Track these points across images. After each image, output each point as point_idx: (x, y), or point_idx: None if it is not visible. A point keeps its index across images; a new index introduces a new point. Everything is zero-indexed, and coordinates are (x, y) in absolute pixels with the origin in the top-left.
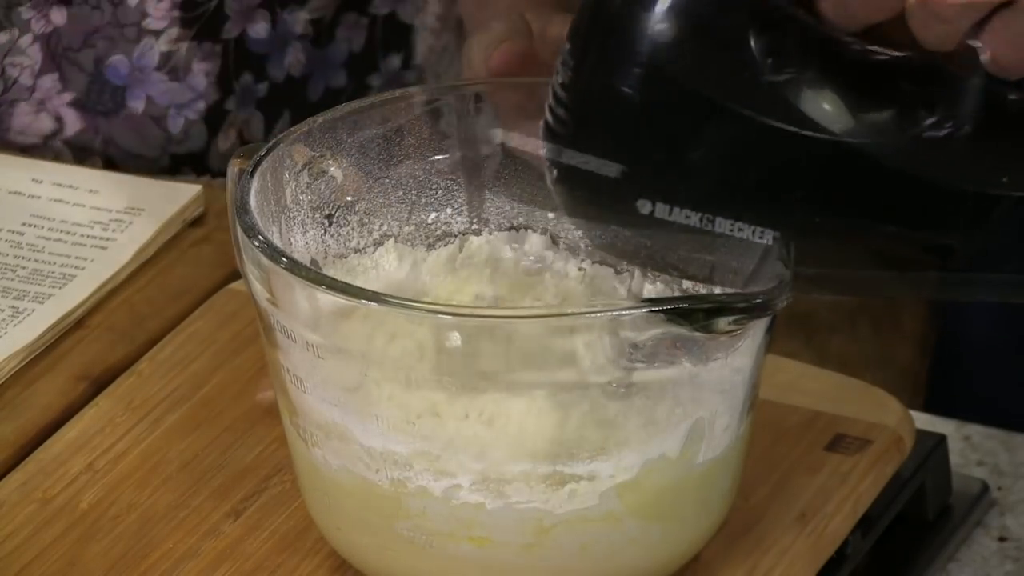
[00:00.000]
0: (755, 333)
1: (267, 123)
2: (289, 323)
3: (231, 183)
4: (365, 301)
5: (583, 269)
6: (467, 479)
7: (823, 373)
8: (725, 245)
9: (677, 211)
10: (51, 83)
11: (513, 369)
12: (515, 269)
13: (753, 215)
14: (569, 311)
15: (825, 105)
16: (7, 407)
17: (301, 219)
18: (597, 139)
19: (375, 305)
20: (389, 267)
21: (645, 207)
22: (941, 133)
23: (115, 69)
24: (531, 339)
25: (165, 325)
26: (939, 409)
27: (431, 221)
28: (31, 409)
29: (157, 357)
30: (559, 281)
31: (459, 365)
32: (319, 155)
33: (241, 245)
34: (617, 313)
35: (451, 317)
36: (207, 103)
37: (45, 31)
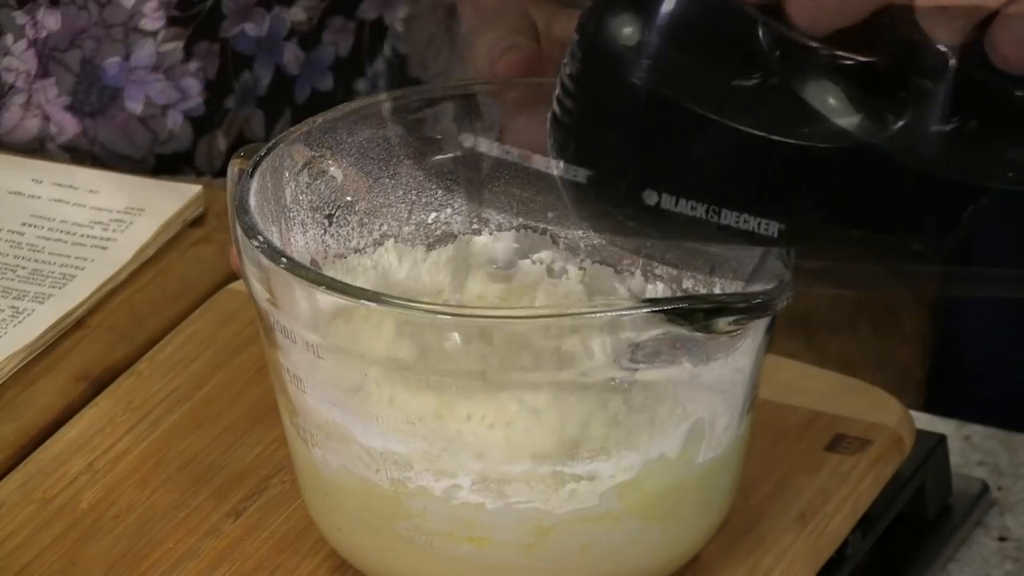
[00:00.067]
0: (755, 333)
1: (268, 122)
2: (289, 323)
3: (231, 183)
4: (365, 301)
5: (583, 269)
6: (467, 479)
7: (823, 373)
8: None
9: (683, 202)
10: (39, 83)
11: (513, 369)
12: (515, 269)
13: (759, 207)
14: (569, 311)
15: (831, 99)
16: (7, 407)
17: (301, 219)
18: (604, 130)
19: (375, 305)
20: (389, 267)
21: (651, 198)
22: (947, 128)
23: (102, 69)
24: (531, 339)
25: (165, 325)
26: (939, 409)
27: (431, 221)
28: (31, 409)
29: (157, 357)
30: (559, 281)
31: (459, 365)
32: (319, 155)
33: (241, 245)
34: (617, 313)
35: (451, 317)
36: (198, 103)
37: (34, 32)
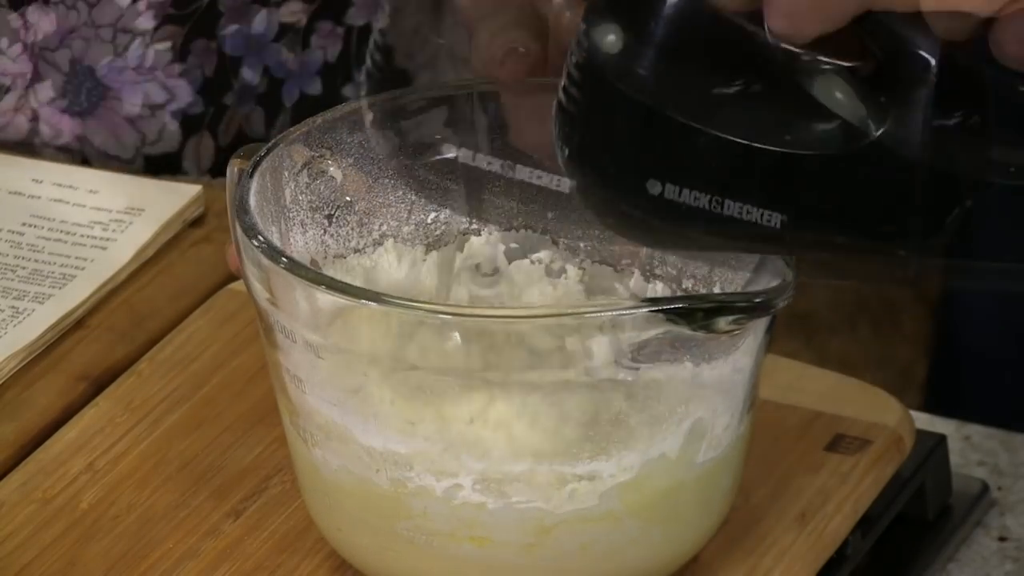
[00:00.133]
0: (755, 333)
1: (267, 119)
2: (289, 323)
3: (231, 183)
4: (365, 301)
5: (583, 269)
6: (468, 479)
7: (823, 373)
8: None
9: (687, 192)
10: (27, 80)
11: (513, 369)
12: (515, 270)
13: (762, 198)
14: (569, 311)
15: (813, 105)
16: (7, 407)
17: (301, 219)
18: (609, 118)
19: (375, 305)
20: (389, 267)
21: (655, 187)
22: (934, 127)
23: (91, 69)
24: (531, 339)
25: (165, 325)
26: (939, 409)
27: (430, 221)
28: (31, 409)
29: (157, 357)
30: (558, 281)
31: (459, 365)
32: (319, 155)
33: (241, 245)
34: (617, 313)
35: (451, 317)
36: (187, 104)
37: (25, 32)
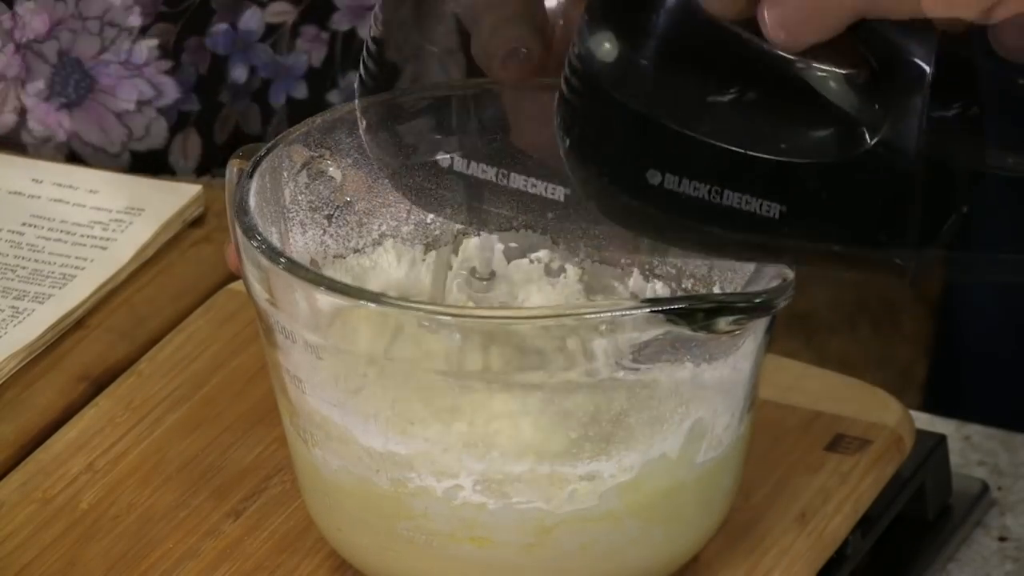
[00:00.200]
0: (755, 333)
1: (264, 117)
2: (289, 324)
3: (230, 184)
4: (365, 301)
5: (583, 269)
6: (468, 479)
7: (823, 373)
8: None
9: (686, 182)
10: (15, 73)
11: (513, 369)
12: (515, 269)
13: (761, 188)
14: (569, 311)
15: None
16: (7, 407)
17: (300, 219)
18: (610, 109)
19: (375, 305)
20: (388, 267)
21: (655, 177)
22: (946, 126)
23: (79, 62)
24: (531, 339)
25: (165, 325)
26: (939, 409)
27: (430, 221)
28: (31, 409)
29: (157, 357)
30: (557, 280)
31: (459, 365)
32: (318, 155)
33: (241, 246)
34: (617, 313)
35: (451, 317)
36: (173, 101)
37: (12, 23)
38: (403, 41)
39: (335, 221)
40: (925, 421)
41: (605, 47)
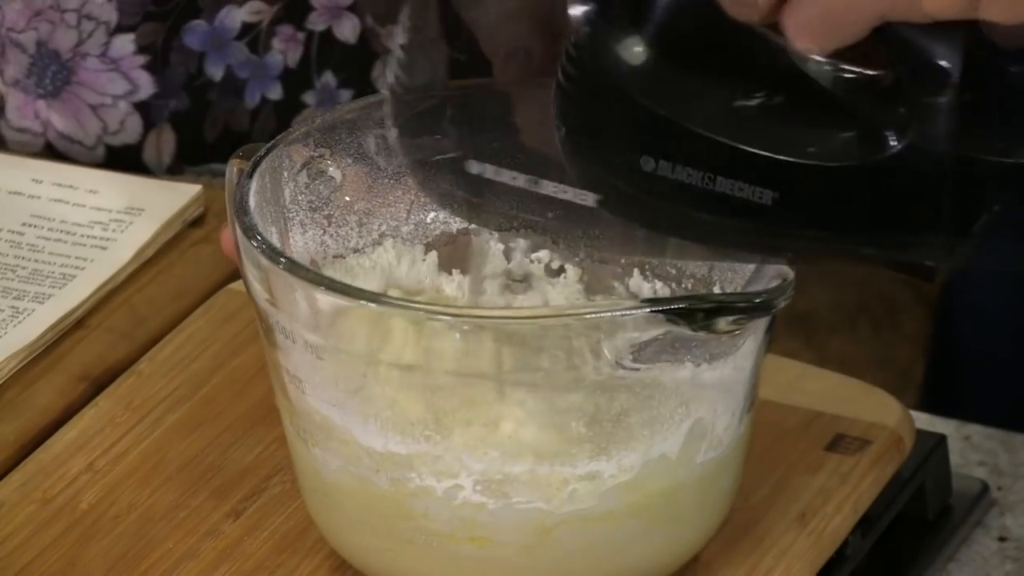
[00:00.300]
0: (755, 333)
1: (252, 115)
2: (289, 323)
3: (230, 183)
4: (365, 301)
5: (583, 269)
6: (468, 479)
7: (823, 373)
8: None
9: (680, 168)
10: None
11: (513, 369)
12: (514, 269)
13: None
14: (569, 311)
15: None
16: (7, 407)
17: (300, 219)
18: (604, 96)
19: (375, 305)
20: (388, 267)
21: (648, 164)
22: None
23: (56, 52)
24: (531, 339)
25: (165, 325)
26: (939, 409)
27: (430, 221)
28: (31, 409)
29: (157, 357)
30: (558, 280)
31: (459, 366)
32: (318, 155)
33: (241, 246)
34: (617, 313)
35: (451, 317)
36: (148, 96)
37: None
38: (430, 47)
39: (335, 221)
40: (925, 421)
41: (601, 43)
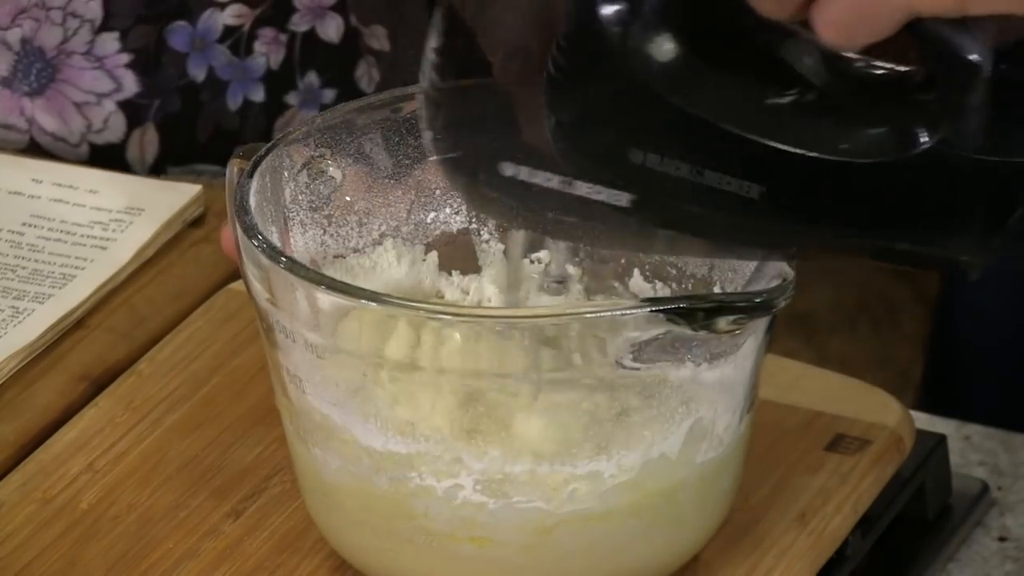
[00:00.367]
0: (755, 333)
1: (240, 116)
2: (289, 323)
3: (230, 183)
4: (365, 301)
5: (583, 269)
6: (468, 479)
7: (823, 373)
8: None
9: (667, 161)
10: None
11: (513, 369)
12: (514, 269)
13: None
14: (569, 311)
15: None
16: (7, 407)
17: (300, 219)
18: (594, 87)
19: (375, 305)
20: (388, 267)
21: (637, 156)
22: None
23: (41, 49)
24: (531, 339)
25: (165, 325)
26: (939, 409)
27: (430, 220)
28: (31, 409)
29: (157, 357)
30: (559, 281)
31: (459, 365)
32: (318, 155)
33: (241, 245)
34: (617, 313)
35: (451, 317)
36: (132, 95)
37: None
38: (464, 49)
39: (335, 221)
40: (925, 421)
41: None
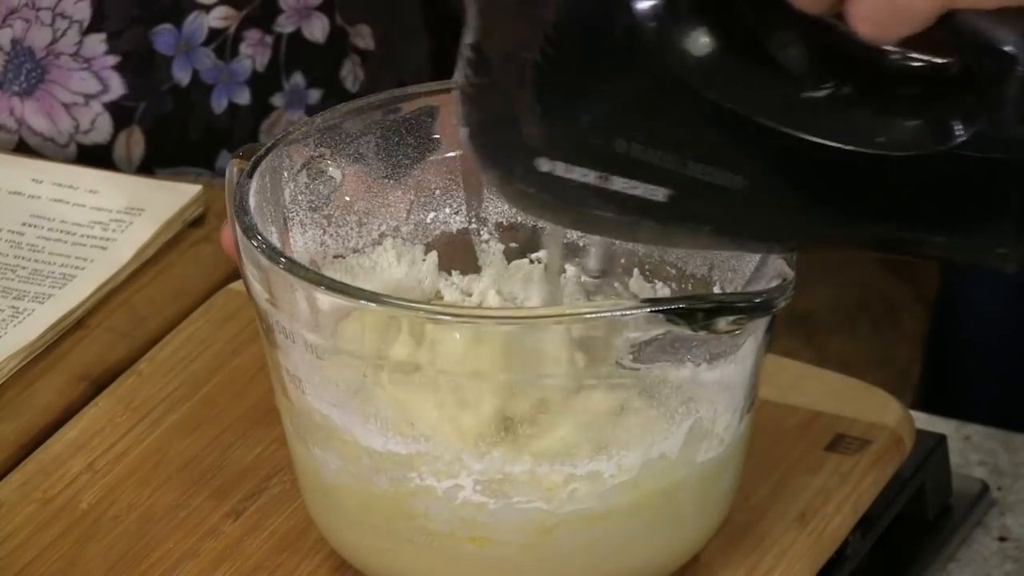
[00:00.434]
0: (755, 333)
1: (228, 118)
2: (288, 323)
3: (230, 183)
4: (364, 301)
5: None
6: (469, 479)
7: (823, 373)
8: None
9: (652, 151)
10: None
11: (512, 369)
12: (514, 269)
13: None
14: (569, 311)
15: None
16: (7, 407)
17: (300, 219)
18: (581, 78)
19: (374, 305)
20: (388, 267)
21: (621, 146)
22: None
23: (31, 50)
24: (530, 339)
25: (165, 325)
26: (939, 409)
27: (429, 220)
28: (31, 409)
29: (157, 357)
30: (559, 281)
31: (458, 366)
32: (318, 155)
33: (241, 246)
34: (617, 313)
35: (450, 317)
36: (119, 96)
37: None
38: (501, 48)
39: (335, 221)
40: (925, 421)
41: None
